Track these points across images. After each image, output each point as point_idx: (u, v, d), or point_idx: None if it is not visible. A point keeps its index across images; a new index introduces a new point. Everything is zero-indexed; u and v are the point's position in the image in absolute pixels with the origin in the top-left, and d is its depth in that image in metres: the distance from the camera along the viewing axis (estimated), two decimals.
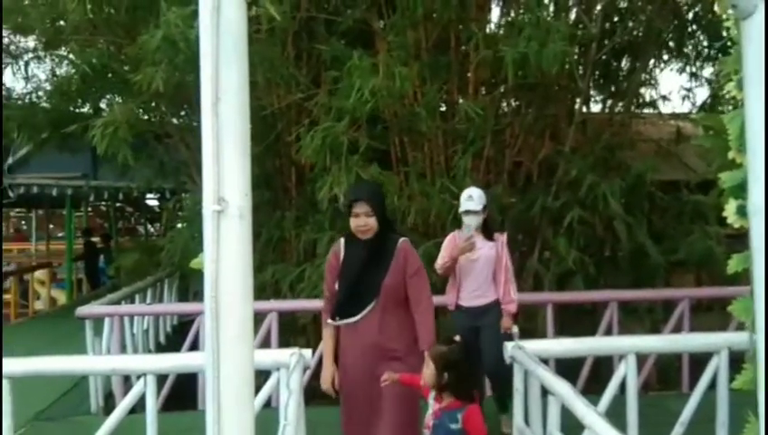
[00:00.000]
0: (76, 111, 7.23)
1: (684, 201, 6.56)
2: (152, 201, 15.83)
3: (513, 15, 6.24)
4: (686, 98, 7.57)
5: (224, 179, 1.17)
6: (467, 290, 4.13)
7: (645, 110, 7.70)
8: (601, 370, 5.11)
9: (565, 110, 6.60)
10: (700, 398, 3.44)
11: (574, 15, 6.47)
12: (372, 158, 5.47)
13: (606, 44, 6.30)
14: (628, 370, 3.24)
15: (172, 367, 3.43)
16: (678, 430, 3.44)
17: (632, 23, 6.72)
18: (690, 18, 6.88)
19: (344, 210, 3.07)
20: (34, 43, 7.22)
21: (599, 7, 6.45)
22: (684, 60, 7.37)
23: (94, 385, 5.08)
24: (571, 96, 6.64)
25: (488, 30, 6.23)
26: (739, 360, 2.94)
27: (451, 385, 2.57)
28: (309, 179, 6.09)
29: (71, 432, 4.44)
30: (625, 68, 7.25)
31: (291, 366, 3.00)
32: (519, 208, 6.06)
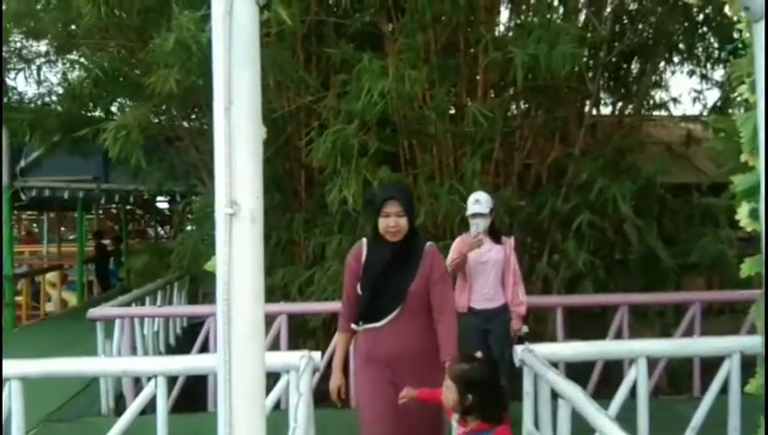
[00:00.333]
0: (88, 115, 7.29)
1: (695, 204, 6.53)
2: (162, 204, 15.93)
3: (522, 18, 6.24)
4: (697, 100, 7.54)
5: (236, 183, 1.18)
6: (478, 292, 4.17)
7: (655, 112, 7.67)
8: (611, 374, 5.09)
9: (575, 112, 6.58)
10: (711, 402, 3.41)
11: (584, 18, 6.47)
12: (381, 161, 5.49)
13: (616, 47, 6.28)
14: (638, 374, 3.22)
15: (183, 369, 3.44)
16: None
17: (642, 25, 6.69)
18: (700, 20, 6.85)
19: (372, 210, 2.84)
20: (46, 48, 7.28)
21: (608, 9, 6.43)
22: (694, 62, 7.33)
23: (105, 387, 5.12)
24: (581, 98, 6.63)
25: (497, 32, 6.23)
26: (751, 364, 2.93)
27: (476, 407, 2.32)
28: (318, 182, 6.11)
29: (82, 433, 4.47)
30: (635, 70, 7.23)
31: (300, 369, 3.00)
32: (528, 211, 6.04)
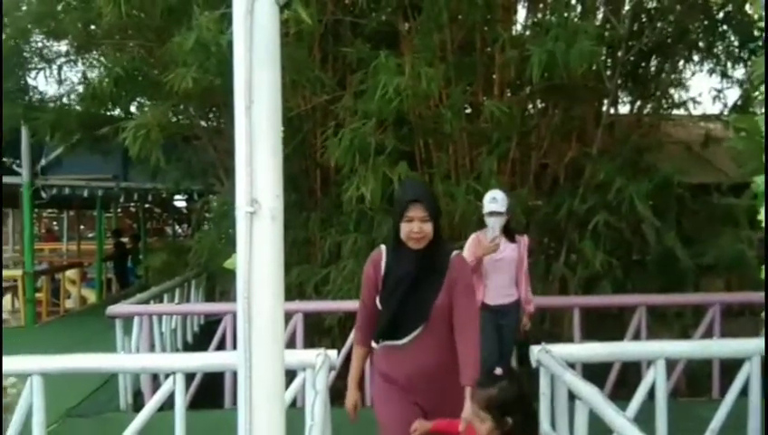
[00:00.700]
0: (107, 114, 7.37)
1: (714, 204, 6.45)
2: (180, 202, 16.08)
3: (539, 16, 6.21)
4: (717, 99, 7.43)
5: (256, 181, 1.19)
6: (493, 289, 4.23)
7: (674, 111, 7.59)
8: (628, 375, 5.05)
9: (593, 111, 6.53)
10: (731, 405, 3.37)
11: (602, 16, 6.42)
12: (398, 159, 5.49)
13: (634, 45, 6.23)
14: (657, 375, 3.19)
15: (201, 366, 3.47)
16: None
17: (661, 23, 6.62)
18: (721, 18, 6.76)
19: (393, 213, 2.58)
20: (66, 48, 7.36)
21: (627, 7, 6.37)
22: (714, 60, 7.23)
23: (123, 383, 5.18)
24: (599, 97, 6.57)
25: (514, 31, 6.20)
26: None
27: (517, 428, 2.12)
28: (334, 182, 6.13)
29: (101, 429, 4.52)
30: (654, 69, 7.15)
31: (317, 367, 3.02)
32: (545, 211, 6.01)
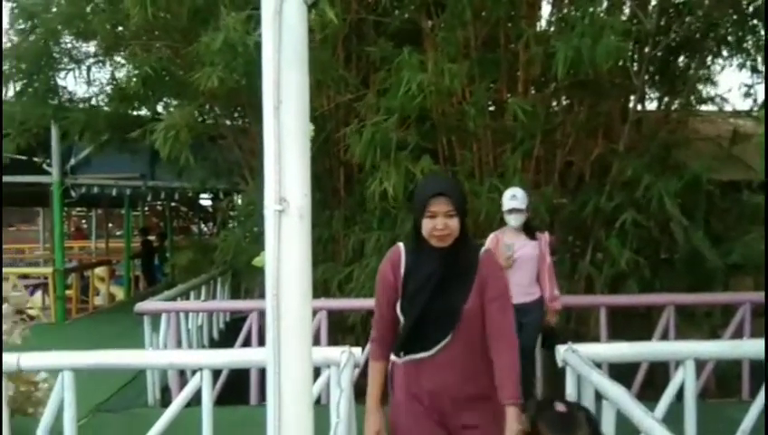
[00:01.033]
0: (135, 114, 7.49)
1: (744, 202, 6.32)
2: (205, 201, 16.28)
3: (564, 12, 6.14)
4: (747, 95, 7.27)
5: (285, 180, 1.20)
6: (515, 288, 4.16)
7: (703, 107, 7.45)
8: (656, 376, 4.98)
9: (619, 107, 6.44)
10: (762, 406, 3.30)
11: (629, 11, 6.32)
12: (420, 157, 5.48)
13: (662, 40, 6.12)
14: (686, 376, 3.14)
15: (228, 362, 3.50)
16: None
17: (689, 17, 6.50)
18: (750, 12, 6.61)
19: (415, 208, 2.27)
20: (95, 49, 7.49)
21: (654, 2, 6.27)
22: (744, 55, 7.08)
23: (151, 379, 5.26)
24: (626, 93, 6.48)
25: (539, 27, 6.15)
26: None
27: None
28: (358, 180, 6.15)
29: (129, 424, 4.59)
30: (682, 64, 7.03)
31: (342, 364, 3.03)
32: (570, 209, 5.95)
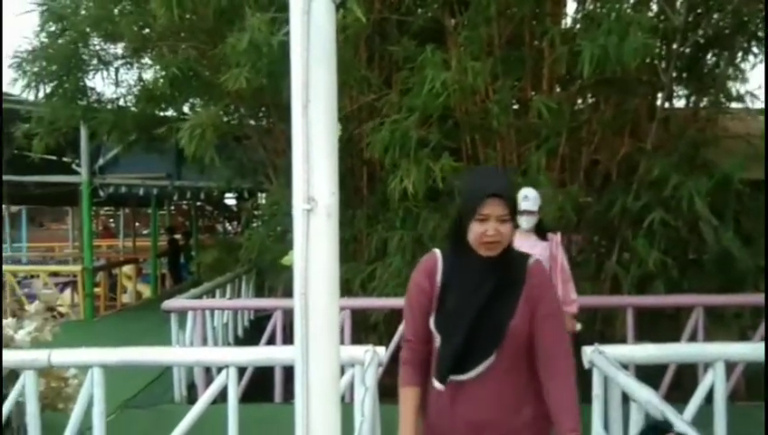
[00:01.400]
0: (161, 115, 7.59)
1: None
2: (230, 200, 16.45)
3: (590, 8, 6.07)
4: None
5: (313, 179, 1.21)
6: None
7: (732, 104, 7.30)
8: (683, 378, 4.90)
9: (646, 105, 6.34)
10: None
11: (656, 7, 6.22)
12: (442, 155, 5.46)
13: (690, 36, 6.02)
14: (716, 378, 3.08)
15: (254, 360, 3.53)
16: None
17: (718, 13, 6.37)
18: None
19: (465, 207, 1.93)
20: (122, 50, 7.61)
21: None
22: None
23: (178, 375, 5.33)
24: (653, 91, 6.38)
25: (564, 24, 6.09)
26: None
27: None
28: (380, 179, 6.15)
29: (157, 420, 4.66)
30: (711, 61, 6.89)
31: (366, 363, 3.03)
32: (596, 208, 5.88)
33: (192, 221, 17.26)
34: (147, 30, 6.80)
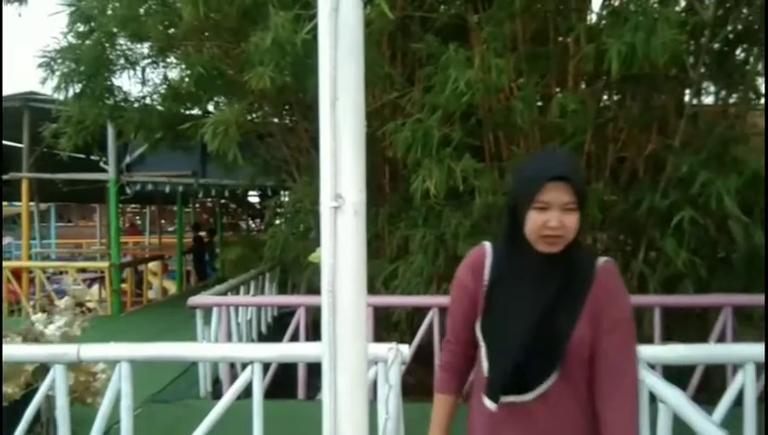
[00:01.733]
0: (187, 114, 7.67)
1: None
2: (253, 198, 16.58)
3: (616, 4, 5.98)
4: None
5: (340, 176, 1.21)
6: None
7: (762, 101, 7.13)
8: (711, 379, 4.81)
9: (674, 102, 6.23)
10: None
11: (684, 1, 6.11)
12: (465, 153, 5.44)
13: (719, 31, 5.89)
14: (746, 380, 3.02)
15: (279, 356, 3.55)
16: None
17: (747, 8, 6.23)
18: None
19: (520, 194, 1.63)
20: (148, 50, 7.70)
21: None
22: None
23: (203, 371, 5.40)
24: (681, 87, 6.27)
25: (590, 20, 6.01)
26: None
27: None
28: (402, 177, 6.14)
29: (183, 414, 4.72)
30: (740, 56, 6.75)
31: (389, 361, 3.04)
32: (622, 207, 5.80)
33: (216, 218, 17.45)
34: (172, 29, 6.88)
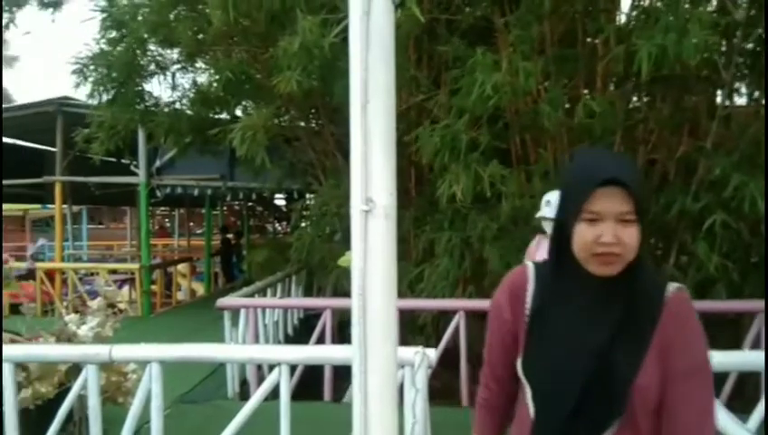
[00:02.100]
0: (215, 118, 7.77)
1: None
2: (280, 201, 16.73)
3: (646, 4, 5.89)
4: None
5: (371, 180, 1.21)
6: None
7: None
8: (745, 386, 4.70)
9: (706, 103, 6.11)
10: None
11: (716, 1, 5.99)
12: (492, 157, 5.41)
13: (752, 32, 5.76)
14: None
15: (307, 358, 3.58)
16: None
17: None
18: None
19: (567, 202, 1.35)
20: (177, 55, 7.82)
21: None
22: None
23: (231, 372, 5.45)
24: (713, 88, 6.15)
25: (619, 21, 5.93)
26: None
27: None
28: (428, 180, 6.13)
29: (211, 415, 4.77)
30: None
31: (416, 365, 3.03)
32: (653, 210, 5.70)
33: (243, 221, 17.63)
34: (201, 35, 6.98)
